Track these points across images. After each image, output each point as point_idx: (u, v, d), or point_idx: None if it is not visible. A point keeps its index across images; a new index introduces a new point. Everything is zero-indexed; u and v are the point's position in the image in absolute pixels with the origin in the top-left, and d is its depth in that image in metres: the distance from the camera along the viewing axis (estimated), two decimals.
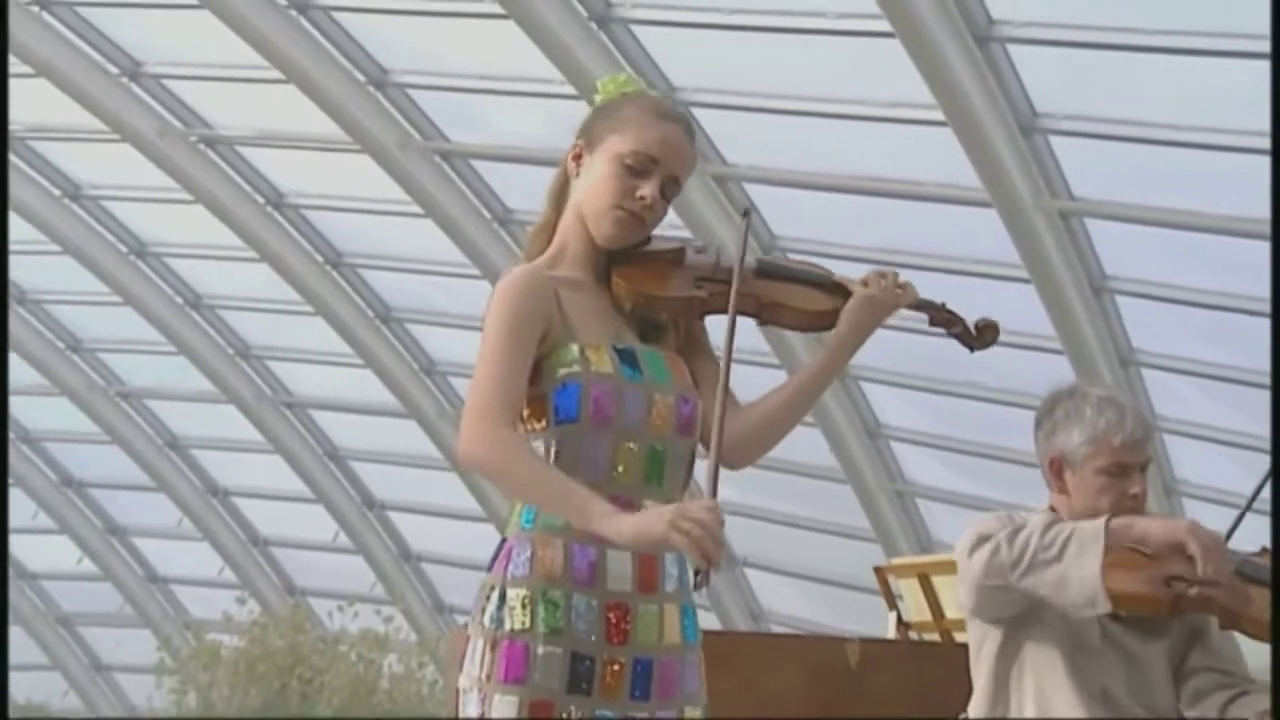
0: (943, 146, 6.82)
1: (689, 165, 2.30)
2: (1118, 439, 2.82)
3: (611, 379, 2.21)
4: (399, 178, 8.35)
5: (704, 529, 2.07)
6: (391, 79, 8.12)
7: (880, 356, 8.70)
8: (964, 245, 7.62)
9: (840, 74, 7.13)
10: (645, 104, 2.31)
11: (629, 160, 2.27)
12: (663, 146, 2.28)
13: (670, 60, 7.41)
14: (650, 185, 2.27)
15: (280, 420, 10.86)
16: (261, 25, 7.73)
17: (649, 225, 2.29)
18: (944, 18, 6.28)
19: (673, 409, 2.23)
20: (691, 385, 2.28)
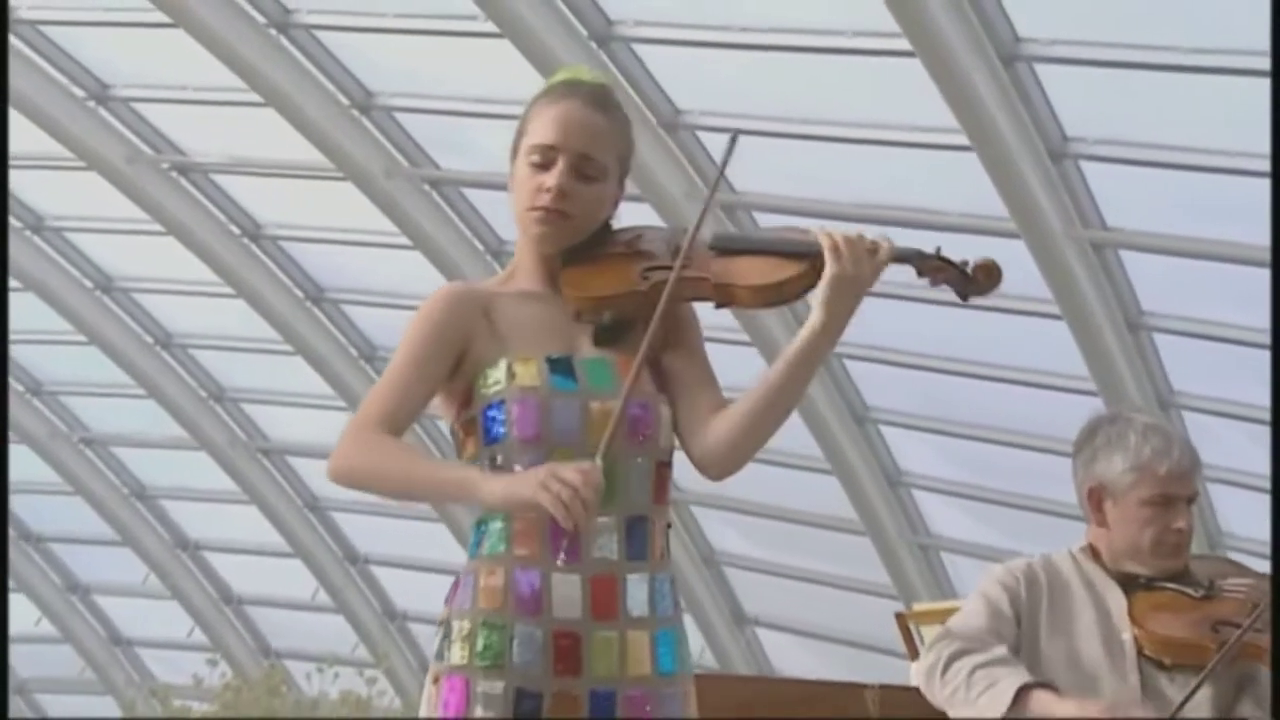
0: (967, 173, 6.86)
1: (598, 136, 2.28)
2: (1164, 467, 2.81)
3: (536, 391, 2.22)
4: (385, 207, 8.40)
5: (573, 491, 2.08)
6: (377, 102, 8.18)
7: (901, 399, 8.72)
8: None
9: (857, 96, 7.19)
10: (546, 92, 2.34)
11: (533, 156, 2.30)
12: (558, 128, 2.28)
13: (675, 81, 7.47)
14: (553, 174, 2.27)
15: (256, 468, 10.88)
16: (238, 45, 7.79)
17: (576, 216, 2.28)
18: (968, 36, 6.34)
19: (615, 418, 2.19)
20: (647, 389, 2.24)
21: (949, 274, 2.24)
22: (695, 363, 2.29)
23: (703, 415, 2.24)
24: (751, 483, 9.48)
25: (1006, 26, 6.43)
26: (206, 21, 7.72)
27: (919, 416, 8.74)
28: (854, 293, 2.21)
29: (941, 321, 8.13)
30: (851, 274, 2.21)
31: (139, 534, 11.67)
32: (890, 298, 8.11)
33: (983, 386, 8.30)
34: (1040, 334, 7.51)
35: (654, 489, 2.24)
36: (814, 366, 2.21)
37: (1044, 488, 8.49)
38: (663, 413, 2.24)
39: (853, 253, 2.21)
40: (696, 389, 2.27)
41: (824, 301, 2.20)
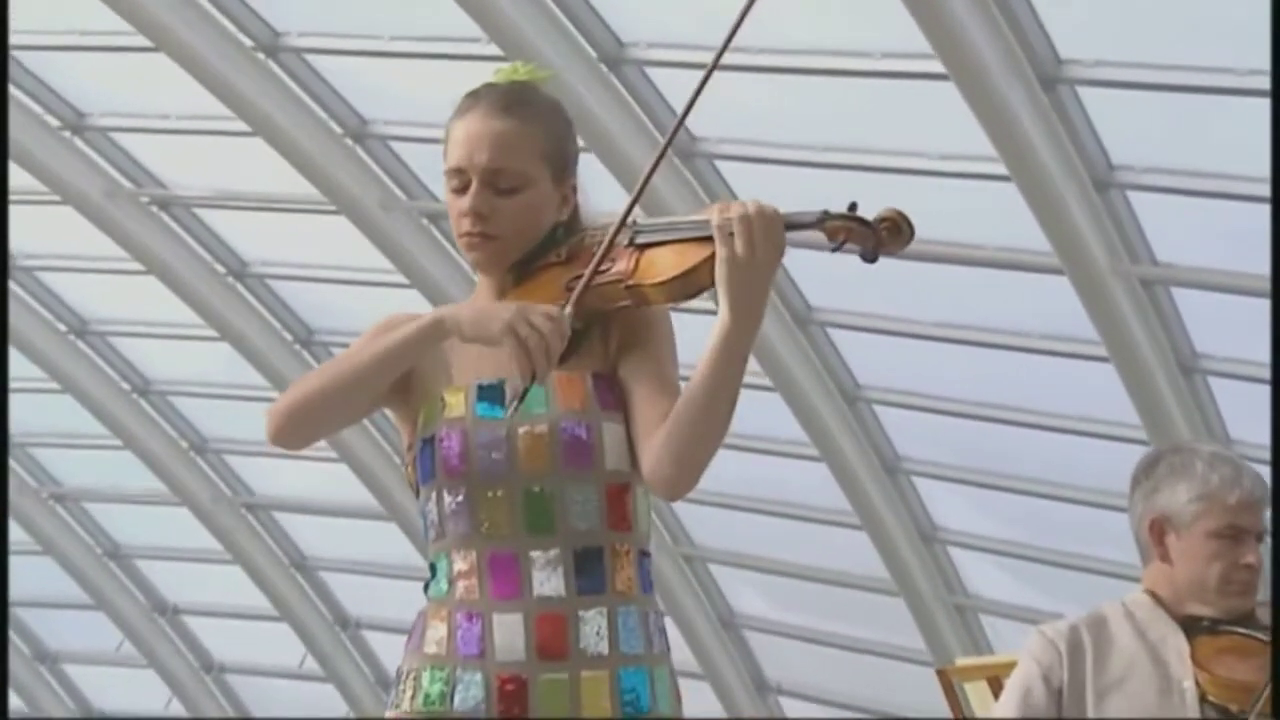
0: (1005, 204, 6.88)
1: (506, 144, 2.28)
2: (1233, 497, 2.80)
3: (460, 423, 2.24)
4: (381, 242, 8.43)
5: (542, 338, 2.12)
6: (373, 130, 8.22)
7: (935, 448, 8.72)
8: (1032, 318, 7.66)
9: (886, 122, 7.22)
10: (460, 106, 2.36)
11: (450, 182, 2.34)
12: (461, 147, 2.31)
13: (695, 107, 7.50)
14: (467, 197, 2.30)
15: (240, 525, 10.88)
16: (224, 70, 7.84)
17: (502, 234, 2.29)
18: (1005, 57, 6.37)
19: (548, 440, 2.22)
20: (587, 407, 2.24)
21: (855, 232, 2.18)
22: (648, 370, 2.27)
23: (647, 431, 2.23)
24: (773, 539, 9.48)
25: (1047, 47, 6.46)
26: (190, 45, 7.77)
27: (955, 467, 8.73)
28: (750, 275, 2.15)
29: (978, 364, 8.13)
30: (742, 254, 2.14)
31: (113, 597, 11.67)
32: (921, 339, 8.13)
33: (1024, 434, 8.30)
34: (1086, 378, 7.51)
35: (607, 514, 2.23)
36: (736, 364, 2.17)
37: (1091, 544, 8.47)
38: (608, 433, 2.23)
39: (741, 228, 2.15)
40: (647, 401, 2.25)
41: (721, 290, 2.16)
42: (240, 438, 10.61)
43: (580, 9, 7.14)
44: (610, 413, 2.26)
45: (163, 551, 11.54)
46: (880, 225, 2.18)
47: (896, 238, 2.18)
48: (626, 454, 2.26)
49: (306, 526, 11.00)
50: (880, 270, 7.68)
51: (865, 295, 8.05)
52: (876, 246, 2.19)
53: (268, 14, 7.80)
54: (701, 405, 2.17)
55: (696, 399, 2.17)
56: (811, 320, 8.21)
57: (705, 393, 2.16)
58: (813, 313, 8.22)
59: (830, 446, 8.47)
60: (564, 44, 7.18)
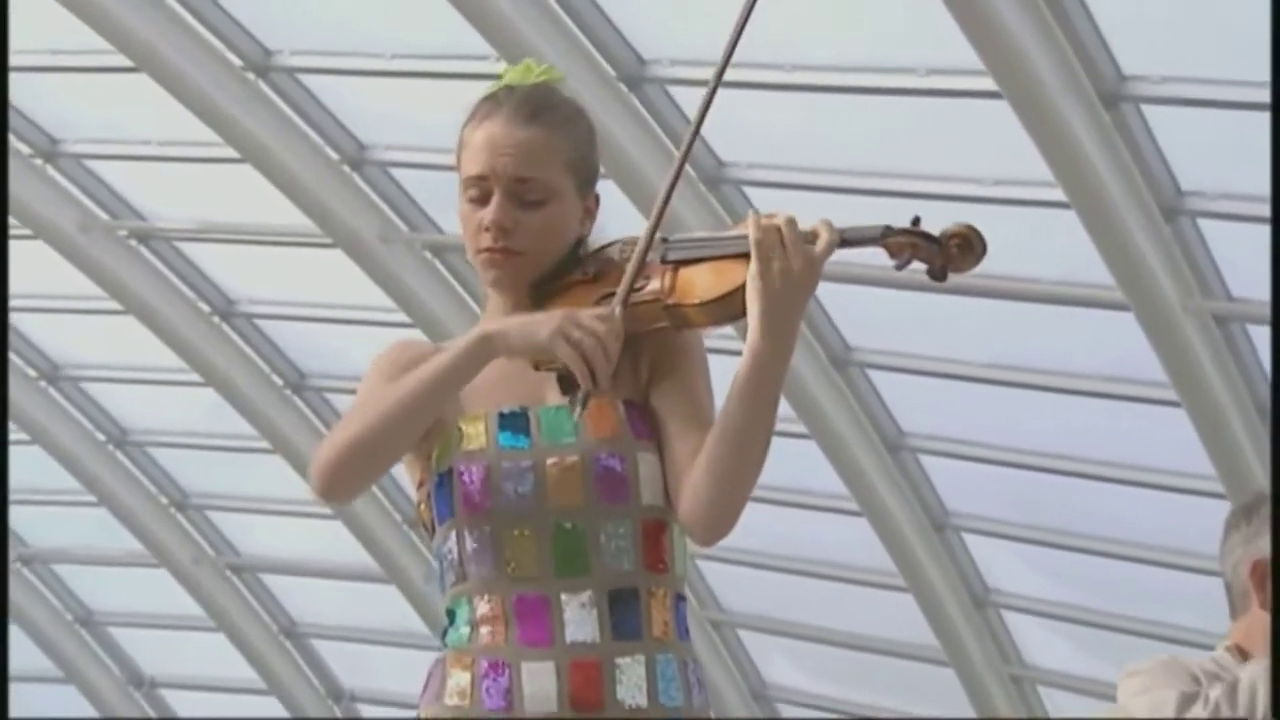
0: (1065, 234, 6.88)
1: (532, 152, 2.30)
2: None
3: (482, 455, 2.25)
4: (380, 278, 8.45)
5: (597, 340, 2.14)
6: (371, 156, 8.25)
7: (987, 502, 8.70)
8: (1094, 358, 7.65)
9: (932, 145, 7.23)
10: (472, 112, 2.38)
11: (469, 192, 2.35)
12: (483, 154, 2.32)
13: (718, 129, 7.52)
14: (489, 209, 2.32)
15: (225, 588, 10.88)
16: (210, 91, 7.89)
17: (526, 250, 2.31)
18: (1063, 72, 6.38)
19: (579, 471, 2.22)
20: (620, 436, 2.25)
21: (921, 249, 2.18)
22: (682, 400, 2.27)
23: (682, 466, 2.24)
24: (809, 602, 9.45)
25: (1109, 62, 6.47)
26: (173, 65, 7.82)
27: (1009, 523, 8.70)
28: (787, 294, 2.15)
29: (1035, 409, 8.12)
30: (779, 269, 2.15)
31: (84, 668, 11.65)
32: (971, 381, 8.12)
33: (1085, 487, 8.28)
34: (1155, 424, 7.49)
35: (643, 554, 2.24)
36: (769, 393, 2.17)
37: (1161, 609, 8.43)
38: (644, 465, 2.24)
39: (776, 241, 2.15)
40: (681, 435, 2.25)
41: (753, 310, 2.16)
42: (225, 492, 10.62)
43: (598, 23, 7.18)
44: (644, 443, 2.27)
45: (139, 618, 11.53)
46: (950, 240, 2.18)
47: (968, 254, 2.18)
48: (662, 488, 2.26)
49: (297, 590, 10.99)
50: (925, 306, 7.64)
51: (909, 333, 8.04)
52: (945, 264, 2.19)
53: (258, 31, 7.85)
54: (735, 439, 2.17)
55: (729, 432, 2.17)
56: (850, 361, 8.21)
57: (739, 425, 2.17)
58: (851, 352, 8.21)
59: (871, 500, 8.45)
60: (580, 61, 7.21)
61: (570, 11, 7.09)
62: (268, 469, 9.89)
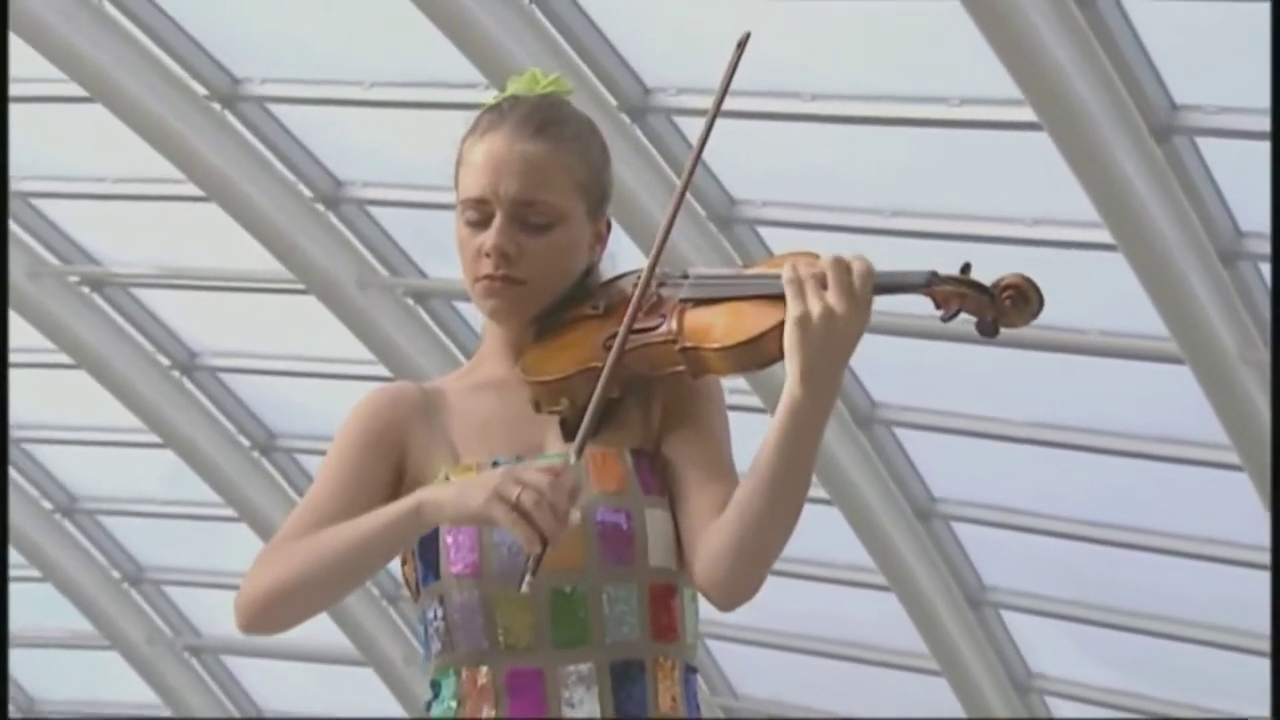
0: (1113, 279, 6.89)
1: (540, 170, 2.30)
2: None
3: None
4: (357, 326, 8.47)
5: (540, 495, 2.11)
6: (349, 193, 8.27)
7: (1028, 576, 8.69)
8: (1147, 416, 7.65)
9: (967, 180, 7.26)
10: (474, 125, 2.37)
11: (467, 214, 2.34)
12: (485, 173, 2.31)
13: (730, 164, 7.56)
14: (489, 233, 2.32)
15: (183, 672, 10.85)
16: (172, 123, 7.91)
17: (530, 279, 2.31)
18: (1111, 102, 6.38)
19: (580, 529, 2.22)
20: (626, 490, 2.26)
21: (971, 300, 2.16)
22: (700, 450, 2.28)
23: (699, 521, 2.24)
24: (831, 687, 9.44)
25: (1160, 90, 6.49)
26: (131, 95, 7.84)
27: (1052, 599, 8.70)
28: (831, 342, 2.14)
29: (1080, 473, 8.12)
30: (822, 313, 2.14)
31: None
32: (1010, 441, 8.13)
33: (1138, 559, 8.27)
34: (1214, 488, 7.49)
35: (650, 621, 2.25)
36: (809, 444, 2.16)
37: (1222, 697, 8.42)
38: (652, 522, 2.25)
39: (819, 284, 2.15)
40: (698, 487, 2.26)
41: (791, 357, 2.15)
42: (185, 566, 10.62)
43: (599, 49, 7.21)
44: (653, 498, 2.27)
45: (88, 706, 11.49)
46: (1003, 292, 2.16)
47: (1023, 308, 2.15)
48: (673, 548, 2.27)
49: (264, 674, 10.96)
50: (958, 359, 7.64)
51: (940, 389, 8.06)
52: (997, 318, 2.16)
53: (224, 57, 7.88)
54: (767, 495, 2.16)
55: (761, 487, 2.16)
56: (876, 419, 8.22)
57: (772, 479, 2.16)
58: (877, 409, 8.22)
59: (900, 573, 8.45)
60: (579, 89, 7.21)
61: (568, 35, 7.13)
62: (233, 539, 9.87)
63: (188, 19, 7.78)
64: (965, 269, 2.18)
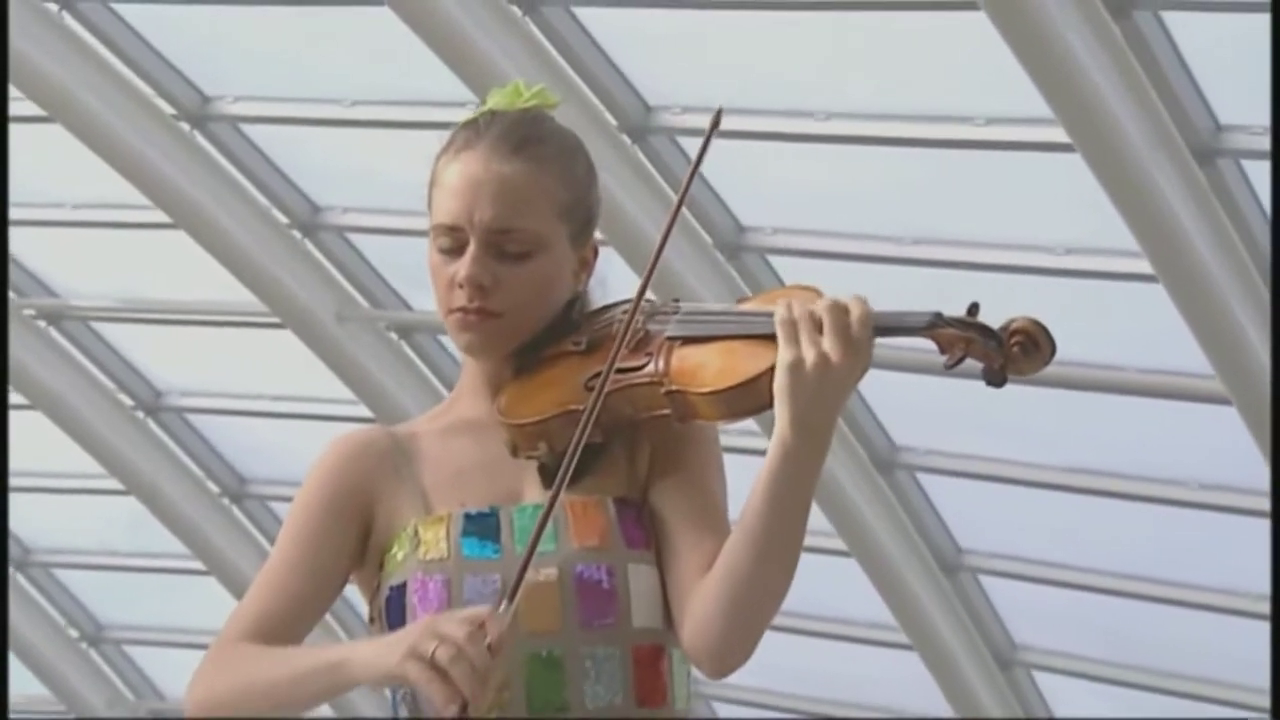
0: (1153, 312, 6.88)
1: (516, 194, 2.29)
2: None
3: (442, 566, 2.25)
4: (336, 363, 8.46)
5: (457, 651, 2.10)
6: (327, 220, 8.29)
7: (1062, 634, 8.69)
8: (1191, 460, 7.65)
9: (993, 206, 7.27)
10: (448, 142, 2.37)
11: (439, 241, 2.34)
12: (457, 199, 2.31)
13: (740, 188, 7.58)
14: (463, 262, 2.31)
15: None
16: (137, 144, 7.89)
17: (507, 311, 2.30)
18: (1149, 122, 6.33)
19: (557, 589, 2.21)
20: (609, 544, 2.24)
21: (976, 345, 2.14)
22: (691, 500, 2.27)
23: (686, 579, 2.24)
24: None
25: (1202, 110, 6.48)
26: (93, 114, 7.83)
27: (1088, 659, 8.68)
28: (824, 388, 2.14)
29: (1119, 522, 8.12)
30: (816, 359, 2.14)
31: None
32: (1044, 489, 8.13)
33: (1180, 616, 8.26)
34: (1263, 540, 7.48)
35: (635, 686, 2.24)
36: (800, 496, 2.16)
37: None
38: (637, 579, 2.25)
39: (814, 327, 2.15)
40: (689, 543, 2.26)
41: (781, 402, 2.15)
42: (147, 624, 10.60)
43: (597, 64, 7.23)
44: (639, 552, 2.27)
45: None
46: (1012, 339, 2.14)
47: (1033, 356, 2.14)
48: (660, 606, 2.26)
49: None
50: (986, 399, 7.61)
51: (967, 431, 8.07)
52: (1005, 366, 2.15)
53: (193, 73, 7.89)
54: (756, 552, 2.16)
55: (749, 543, 2.16)
56: (898, 463, 8.22)
57: (761, 535, 2.16)
58: (899, 454, 8.23)
59: (924, 631, 8.44)
60: (574, 107, 7.26)
61: (563, 49, 7.14)
62: (200, 595, 9.87)
63: (153, 31, 7.79)
64: (972, 310, 2.17)
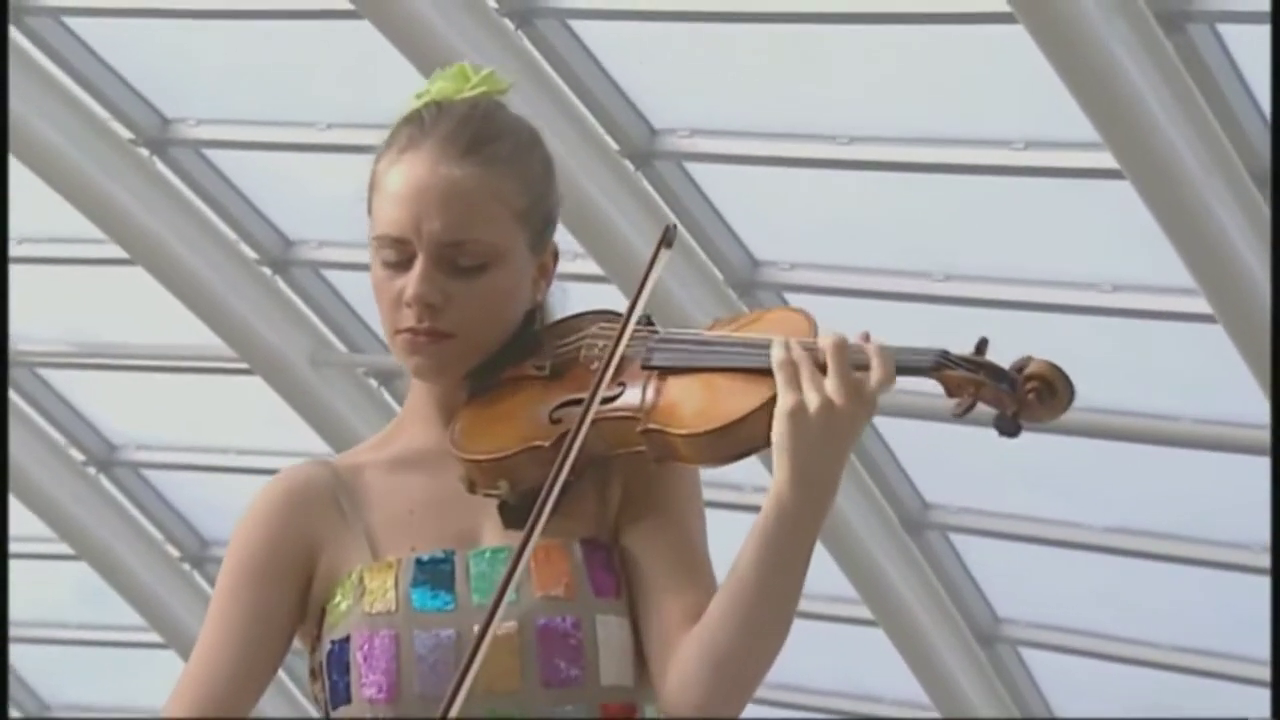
0: (1211, 354, 6.88)
1: (468, 201, 2.25)
2: None
3: (388, 619, 2.23)
4: (309, 411, 8.47)
5: None
6: (300, 255, 8.30)
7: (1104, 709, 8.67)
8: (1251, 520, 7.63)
9: (1031, 238, 7.28)
10: (391, 136, 2.33)
11: (383, 254, 2.31)
12: (402, 207, 2.27)
13: (755, 219, 7.60)
14: (411, 279, 2.28)
15: None
16: (91, 171, 7.85)
17: (460, 331, 2.27)
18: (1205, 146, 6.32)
19: (516, 644, 2.20)
20: (575, 593, 2.22)
21: (988, 390, 2.11)
22: (670, 543, 2.26)
23: (666, 634, 2.23)
24: None
25: (1262, 130, 6.44)
26: (44, 141, 7.78)
27: None
28: (827, 438, 2.13)
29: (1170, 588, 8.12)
30: (819, 405, 2.13)
31: None
32: (1087, 550, 8.12)
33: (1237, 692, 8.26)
34: None
35: None
36: (797, 555, 2.15)
37: None
38: (605, 630, 2.23)
39: (814, 367, 2.14)
40: (666, 590, 2.25)
41: (780, 452, 2.14)
42: (101, 703, 10.58)
43: (597, 83, 7.25)
44: (608, 601, 2.25)
45: None
46: (1027, 383, 2.11)
47: (1050, 402, 2.11)
48: (630, 661, 2.25)
49: None
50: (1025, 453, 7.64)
51: (1006, 488, 8.07)
52: (1018, 413, 2.11)
53: (153, 95, 7.90)
54: (747, 611, 2.15)
55: (740, 601, 2.15)
56: (929, 524, 8.22)
57: (754, 593, 2.15)
58: (930, 513, 8.22)
59: (960, 708, 8.42)
60: (575, 135, 7.27)
61: (561, 68, 7.14)
62: (158, 669, 9.86)
63: (108, 48, 7.80)
64: (980, 347, 2.13)
